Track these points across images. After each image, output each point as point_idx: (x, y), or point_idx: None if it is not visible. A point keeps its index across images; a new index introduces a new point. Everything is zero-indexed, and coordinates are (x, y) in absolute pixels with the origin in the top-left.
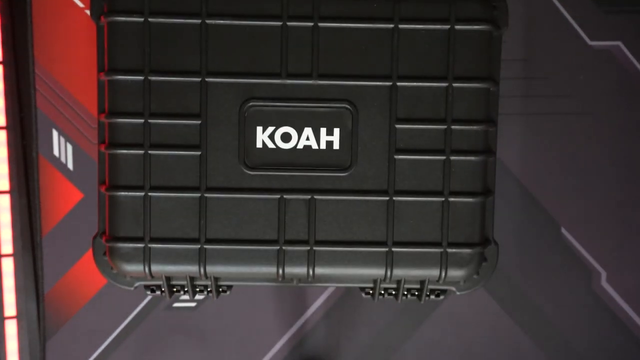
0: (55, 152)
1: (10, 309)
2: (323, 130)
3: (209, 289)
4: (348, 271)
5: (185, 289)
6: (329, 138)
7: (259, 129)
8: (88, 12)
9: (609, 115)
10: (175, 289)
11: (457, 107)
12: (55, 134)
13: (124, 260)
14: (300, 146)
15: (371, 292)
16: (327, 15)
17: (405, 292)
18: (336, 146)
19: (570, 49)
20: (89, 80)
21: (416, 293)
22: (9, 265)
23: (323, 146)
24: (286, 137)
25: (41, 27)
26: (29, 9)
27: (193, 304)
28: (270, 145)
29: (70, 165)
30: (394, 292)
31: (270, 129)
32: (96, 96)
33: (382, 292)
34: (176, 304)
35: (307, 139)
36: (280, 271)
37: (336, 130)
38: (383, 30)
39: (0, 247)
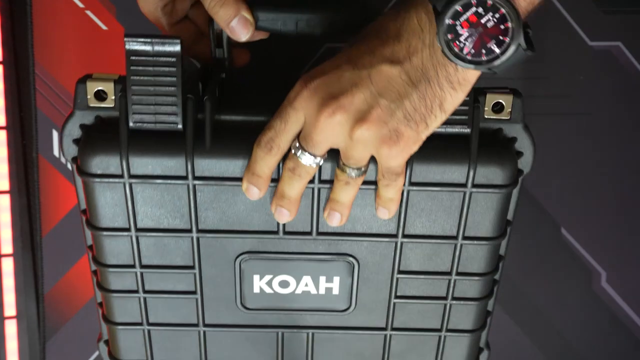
0: (55, 152)
1: (10, 309)
2: (322, 279)
3: None
4: None
5: None
6: (329, 285)
7: (256, 277)
8: (88, 12)
9: (609, 115)
10: None
11: (463, 261)
12: (55, 134)
13: None
14: (298, 291)
15: None
16: (329, 179)
17: None
18: (335, 292)
19: (570, 49)
20: None
21: None
22: (9, 265)
23: (322, 292)
24: (284, 284)
25: (41, 27)
26: (29, 9)
27: None
28: (268, 290)
29: (70, 166)
30: None
31: (267, 277)
32: None
33: None
34: None
35: (306, 285)
36: None
37: (336, 279)
38: None
39: (0, 247)
